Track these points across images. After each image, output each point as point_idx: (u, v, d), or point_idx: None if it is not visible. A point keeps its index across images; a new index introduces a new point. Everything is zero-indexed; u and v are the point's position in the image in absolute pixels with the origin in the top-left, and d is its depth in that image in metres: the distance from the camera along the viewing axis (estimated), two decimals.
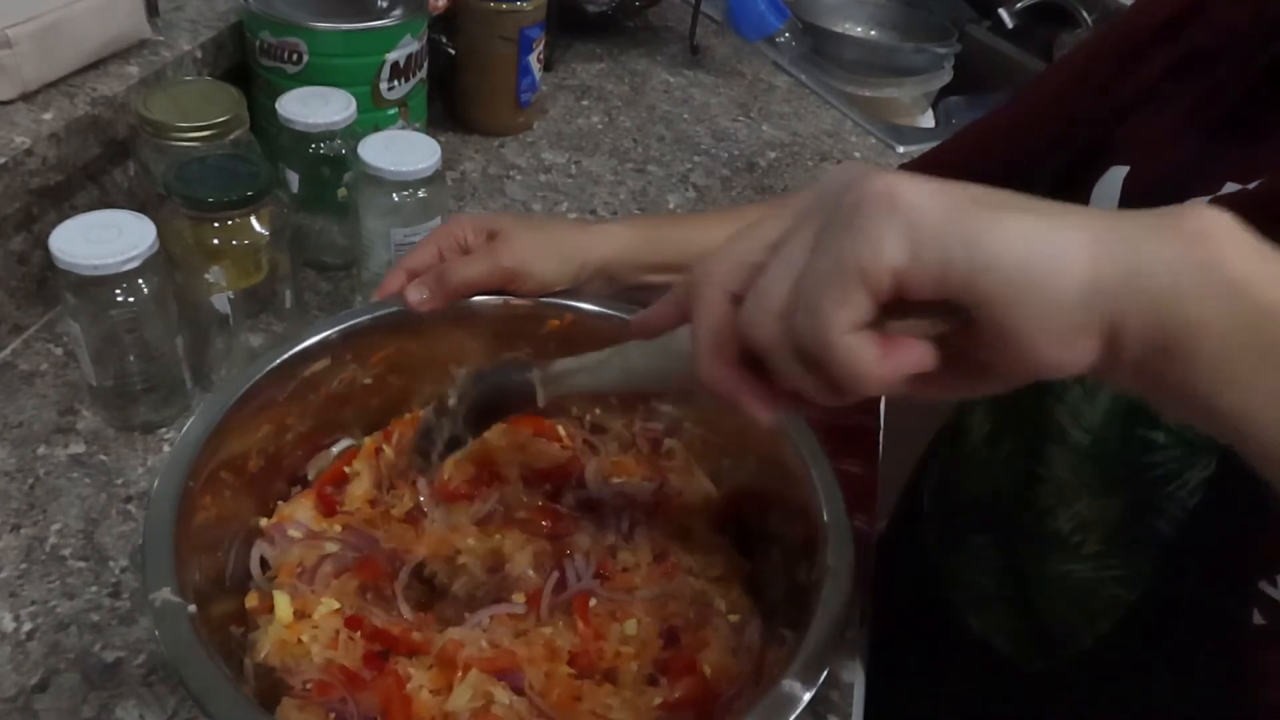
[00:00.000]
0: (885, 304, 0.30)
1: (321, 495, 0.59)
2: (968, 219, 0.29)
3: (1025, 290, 0.28)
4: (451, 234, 0.63)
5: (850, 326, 0.30)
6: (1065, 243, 0.28)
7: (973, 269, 0.28)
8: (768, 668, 0.48)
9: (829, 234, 0.30)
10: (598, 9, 1.30)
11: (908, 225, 0.29)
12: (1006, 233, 0.28)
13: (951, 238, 0.29)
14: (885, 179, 0.30)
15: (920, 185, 0.30)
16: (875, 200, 0.29)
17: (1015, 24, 1.59)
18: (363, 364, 0.60)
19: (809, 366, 0.32)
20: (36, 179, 0.72)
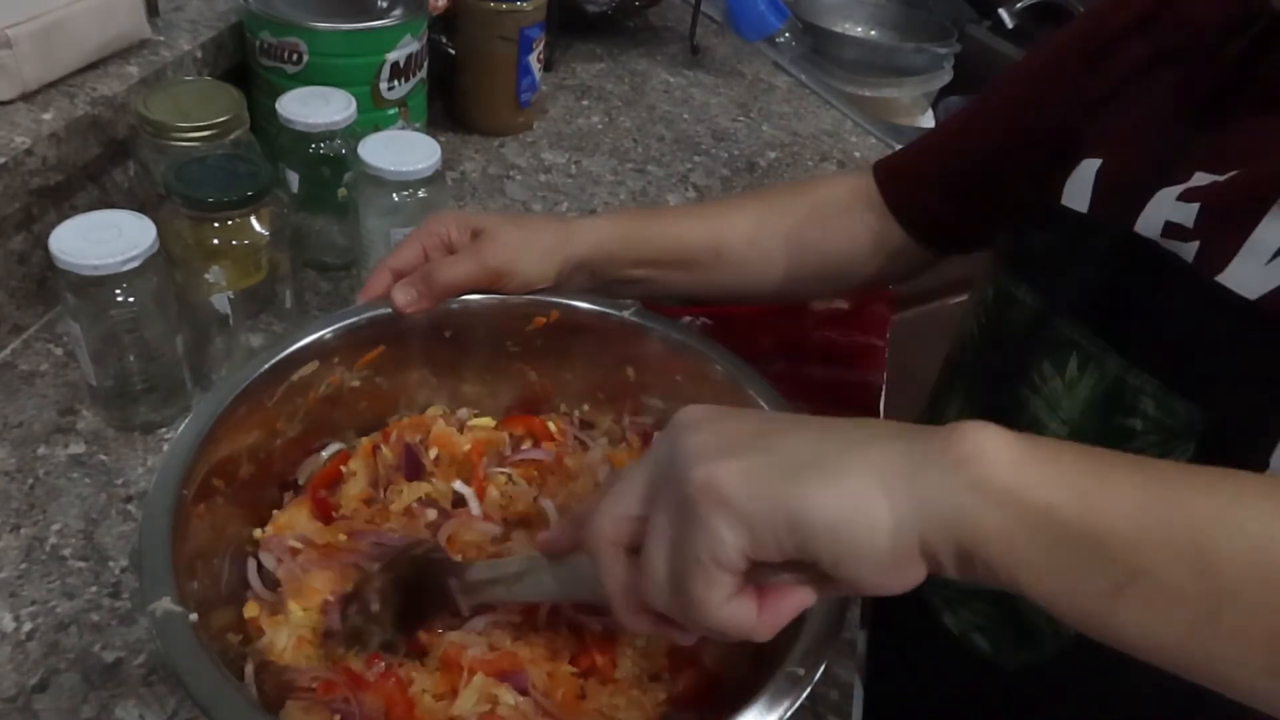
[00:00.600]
0: (749, 567, 0.35)
1: (316, 499, 0.59)
2: (782, 497, 0.34)
3: (847, 547, 0.34)
4: (435, 233, 0.63)
5: (724, 601, 0.36)
6: (865, 499, 0.33)
7: (800, 540, 0.34)
8: (767, 657, 0.48)
9: (680, 529, 0.36)
10: (598, 9, 1.30)
11: (738, 516, 0.34)
12: (816, 505, 0.34)
13: (776, 519, 0.34)
14: (702, 472, 0.35)
15: (732, 471, 0.35)
16: (703, 497, 0.35)
17: (1015, 24, 1.59)
18: (350, 367, 0.60)
19: (706, 630, 0.37)
20: (36, 179, 0.72)
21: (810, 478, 0.34)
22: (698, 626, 0.37)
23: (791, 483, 0.34)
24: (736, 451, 0.35)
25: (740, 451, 0.35)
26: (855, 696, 0.59)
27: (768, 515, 0.34)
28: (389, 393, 0.64)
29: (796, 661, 0.44)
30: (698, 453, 0.36)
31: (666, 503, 0.37)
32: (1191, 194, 0.50)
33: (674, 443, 0.37)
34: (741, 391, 0.59)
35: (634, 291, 0.68)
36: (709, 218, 0.72)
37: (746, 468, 0.35)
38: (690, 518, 0.35)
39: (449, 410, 0.66)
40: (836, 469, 0.34)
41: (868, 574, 0.34)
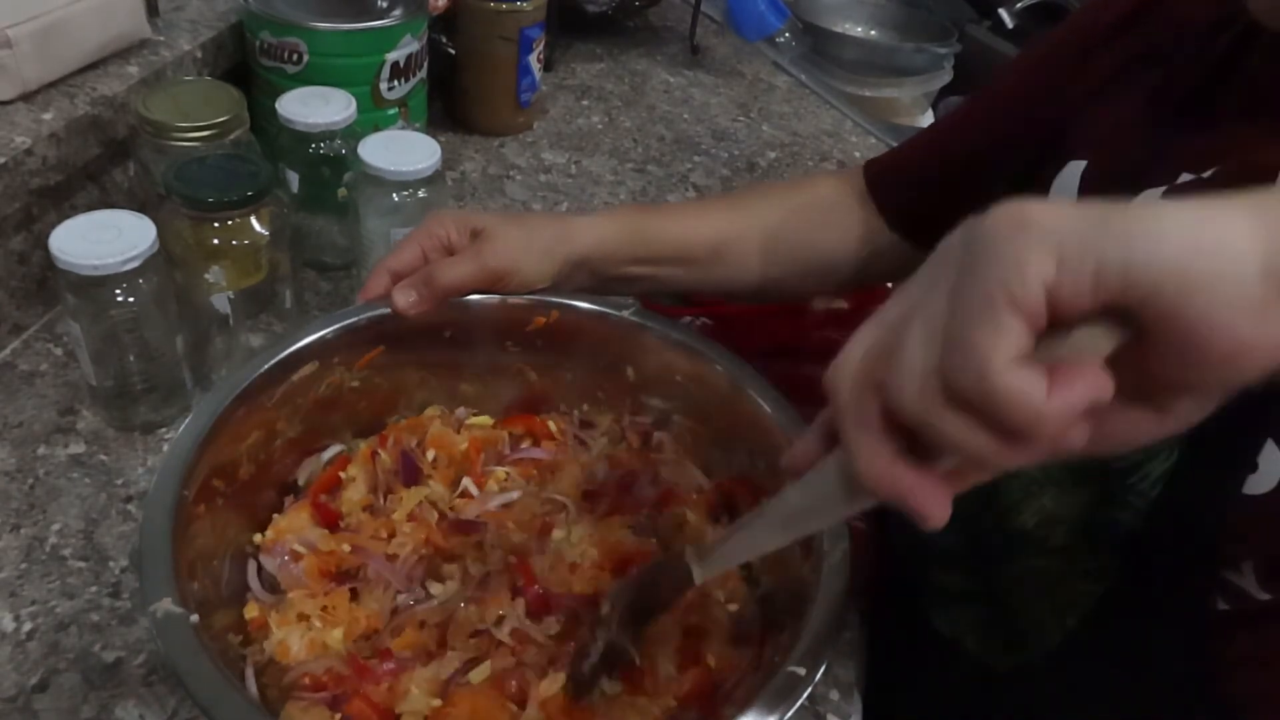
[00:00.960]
0: (1041, 333, 0.28)
1: (317, 505, 0.59)
2: (1111, 219, 0.27)
3: (1200, 271, 0.25)
4: (434, 233, 0.63)
5: (1010, 359, 0.27)
6: (1227, 221, 0.26)
7: (1132, 263, 0.26)
8: (768, 656, 0.48)
9: (964, 275, 0.28)
10: (598, 9, 1.30)
11: (1048, 238, 0.27)
12: (1160, 222, 0.26)
13: (1101, 238, 0.26)
14: (1007, 208, 0.28)
15: (1050, 207, 0.28)
16: (1004, 227, 0.28)
17: (1015, 24, 1.59)
18: (349, 367, 0.60)
19: (973, 419, 0.29)
20: (36, 179, 0.72)
21: (1155, 208, 0.27)
22: (959, 432, 0.29)
23: (1131, 215, 0.27)
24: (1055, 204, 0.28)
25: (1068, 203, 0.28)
26: (856, 697, 0.59)
27: (1087, 233, 0.27)
28: (389, 393, 0.64)
29: (797, 661, 0.44)
30: (997, 208, 0.28)
31: (944, 273, 0.29)
32: (1176, 193, 0.50)
33: (952, 235, 0.30)
34: (741, 391, 0.59)
35: (633, 289, 0.68)
36: (707, 215, 0.73)
37: (1068, 209, 0.27)
38: (979, 257, 0.28)
39: (446, 410, 0.66)
40: (1182, 204, 0.27)
41: (1228, 316, 0.26)
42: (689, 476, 0.63)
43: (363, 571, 0.56)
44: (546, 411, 0.67)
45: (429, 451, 0.63)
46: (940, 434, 0.29)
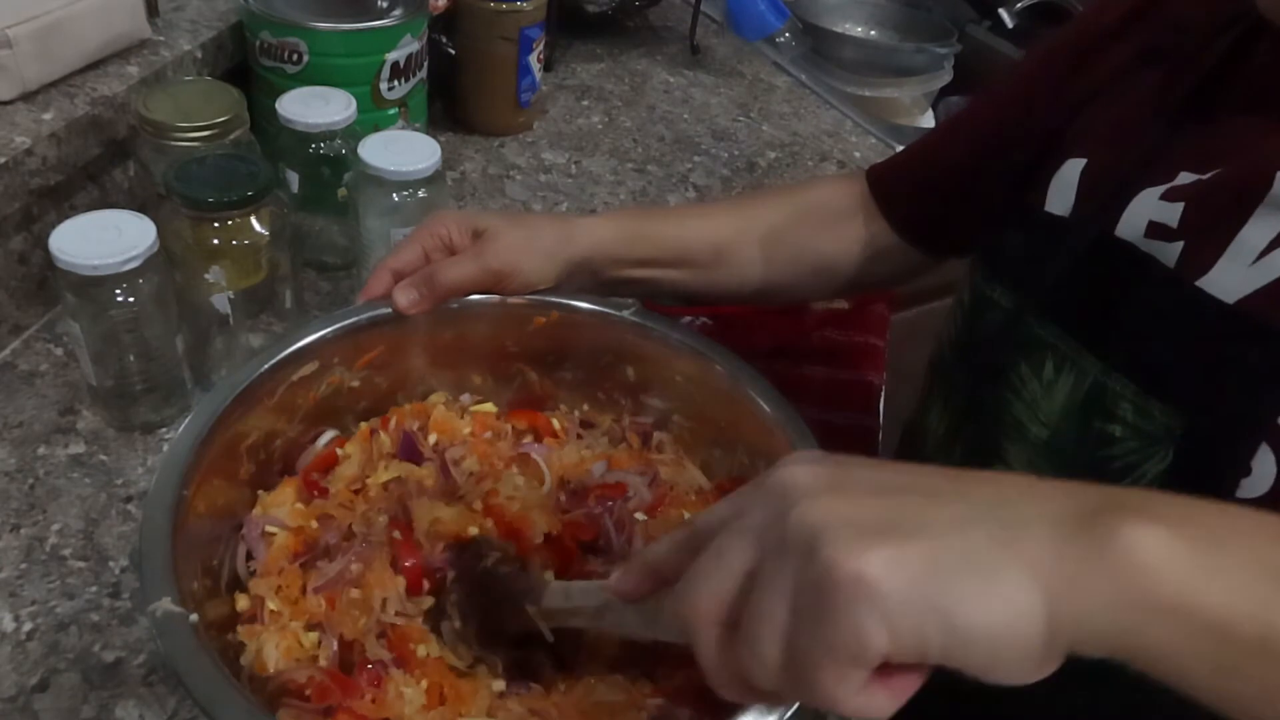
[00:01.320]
0: None
1: (306, 480, 0.59)
2: (936, 596, 0.30)
3: (1002, 659, 0.31)
4: (435, 233, 0.63)
5: (854, 694, 0.32)
6: (1024, 609, 0.30)
7: (949, 646, 0.30)
8: None
9: (808, 614, 0.32)
10: (598, 9, 1.30)
11: (884, 612, 0.30)
12: (974, 611, 0.30)
13: (928, 625, 0.30)
14: (851, 559, 0.30)
15: (886, 561, 0.30)
16: (847, 590, 0.30)
17: (1015, 24, 1.58)
18: (349, 366, 0.60)
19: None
20: (36, 179, 0.72)
21: (964, 580, 0.30)
22: (819, 707, 0.34)
23: (945, 585, 0.30)
24: (879, 536, 0.31)
25: (883, 536, 0.31)
26: None
27: (919, 620, 0.30)
28: (389, 393, 0.64)
29: None
30: (831, 532, 0.31)
31: (784, 586, 0.32)
32: (1175, 193, 0.50)
33: (786, 513, 0.33)
34: (741, 391, 0.59)
35: (635, 291, 0.68)
36: (709, 217, 0.73)
37: (896, 560, 0.31)
38: (823, 612, 0.31)
39: (451, 398, 0.66)
40: (992, 571, 0.31)
41: (1014, 678, 0.32)
42: (689, 477, 0.63)
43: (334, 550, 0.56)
44: (552, 410, 0.67)
45: (431, 435, 0.62)
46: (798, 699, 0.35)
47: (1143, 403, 0.49)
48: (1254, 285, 0.46)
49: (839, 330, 0.87)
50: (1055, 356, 0.54)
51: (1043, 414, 0.55)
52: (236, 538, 0.56)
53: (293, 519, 0.56)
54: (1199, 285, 0.47)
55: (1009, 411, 0.57)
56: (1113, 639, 0.31)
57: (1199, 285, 0.47)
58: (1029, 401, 0.56)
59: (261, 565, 0.55)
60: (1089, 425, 0.52)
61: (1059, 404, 0.54)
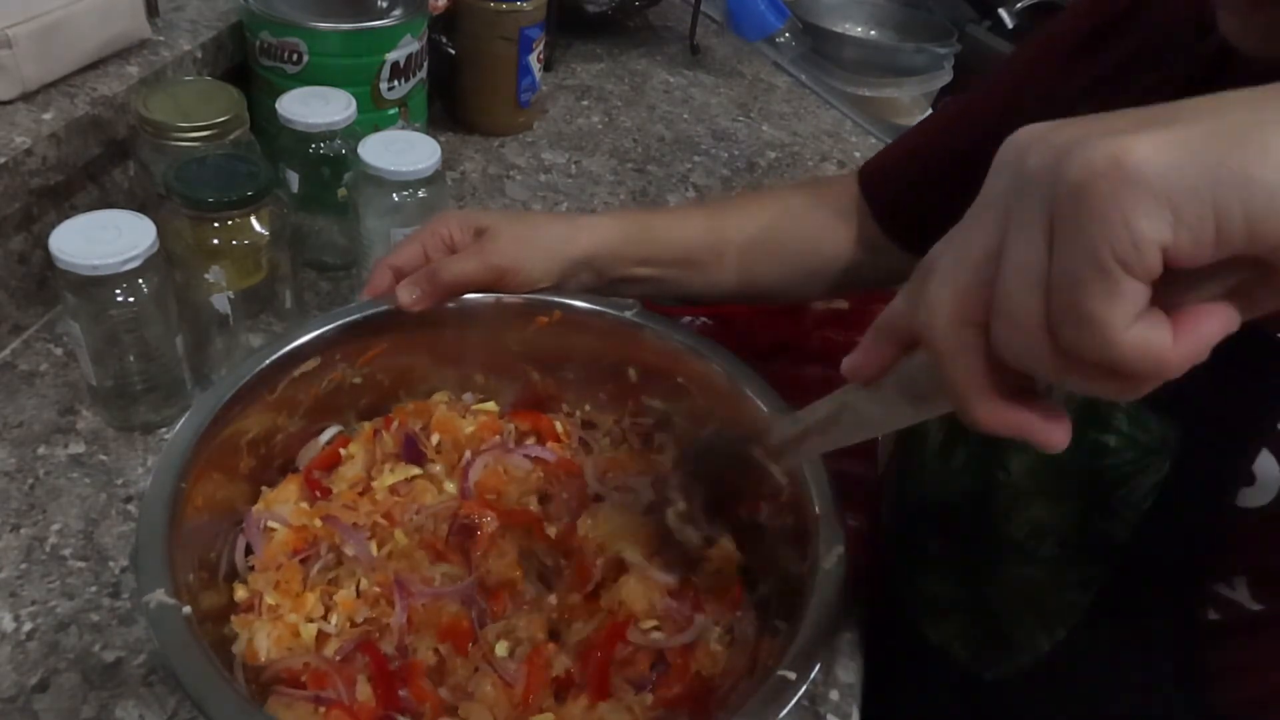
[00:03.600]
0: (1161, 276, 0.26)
1: (309, 480, 0.59)
2: (1224, 158, 0.25)
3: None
4: (437, 232, 0.63)
5: (1130, 320, 0.26)
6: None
7: (1254, 217, 0.25)
8: (762, 659, 0.48)
9: (1065, 229, 0.27)
10: (598, 9, 1.30)
11: (1158, 194, 0.25)
12: (1274, 157, 0.25)
13: (1217, 189, 0.25)
14: (1101, 148, 0.26)
15: (1147, 142, 0.25)
16: (1105, 177, 0.25)
17: (1015, 24, 1.59)
18: (351, 364, 0.60)
19: (1096, 373, 0.28)
20: (36, 179, 0.72)
21: (1258, 137, 0.25)
22: (1089, 365, 0.28)
23: (1232, 145, 0.25)
24: (1143, 124, 0.26)
25: (1148, 124, 0.26)
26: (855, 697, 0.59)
27: (1207, 187, 0.25)
28: (391, 390, 0.64)
29: (789, 665, 0.44)
30: (1082, 136, 0.27)
31: (1032, 218, 0.28)
32: None
33: (1024, 162, 0.28)
34: (741, 392, 0.59)
35: (636, 291, 0.68)
36: (710, 217, 0.73)
37: (1161, 138, 0.25)
38: (1081, 217, 0.26)
39: (454, 397, 0.66)
40: (1276, 124, 0.25)
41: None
42: None
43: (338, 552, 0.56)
44: (553, 411, 0.67)
45: (434, 435, 0.62)
46: (1058, 382, 0.29)
47: (1137, 414, 0.49)
48: None
49: (839, 330, 0.87)
50: None
51: None
52: (235, 532, 0.56)
53: (295, 518, 0.56)
54: None
55: None
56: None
57: None
58: None
59: (261, 560, 0.55)
60: (1084, 436, 0.52)
61: None
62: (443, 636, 0.53)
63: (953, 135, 0.70)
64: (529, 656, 0.52)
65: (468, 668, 0.52)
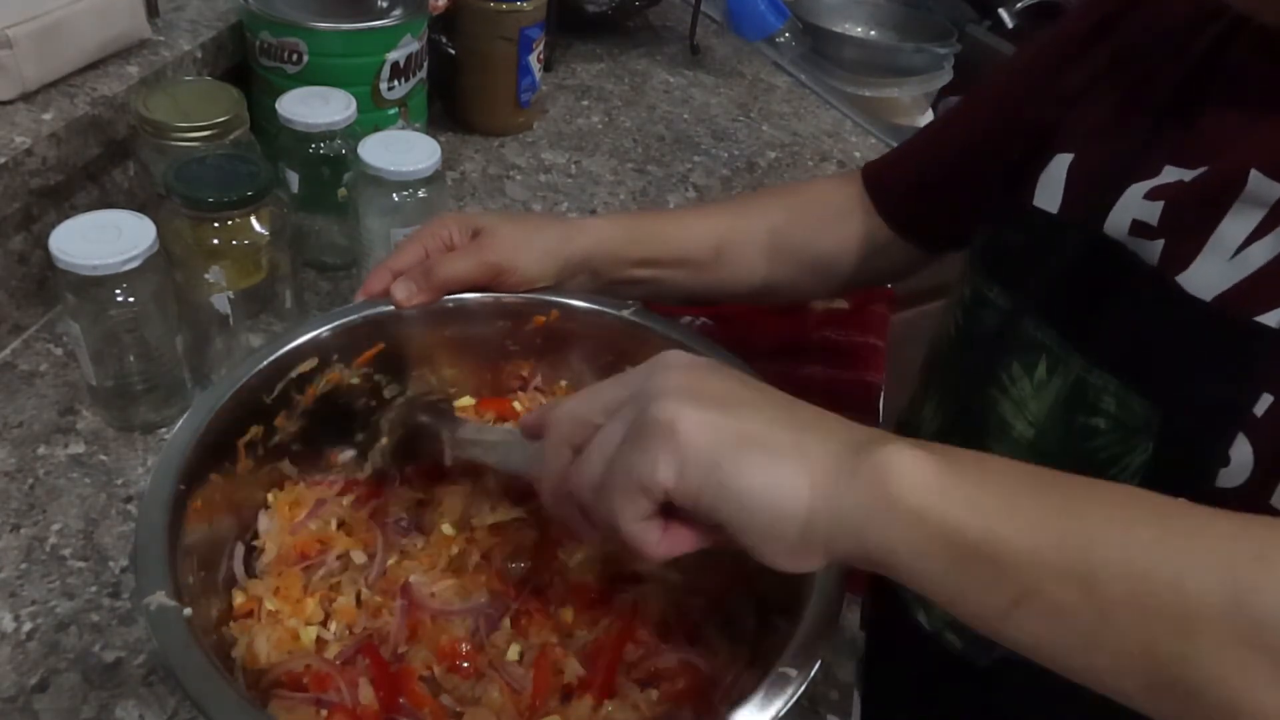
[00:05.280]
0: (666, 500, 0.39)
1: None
2: (723, 458, 0.37)
3: (755, 524, 0.37)
4: (436, 233, 0.63)
5: (636, 519, 0.39)
6: (790, 492, 0.37)
7: (718, 499, 0.37)
8: (762, 655, 0.48)
9: (629, 442, 0.39)
10: (598, 9, 1.30)
11: (679, 456, 0.37)
12: (749, 479, 0.37)
13: (707, 472, 0.37)
14: (671, 409, 0.38)
15: (697, 420, 0.38)
16: (660, 428, 0.38)
17: (1015, 24, 1.59)
18: (349, 364, 0.60)
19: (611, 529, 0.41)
20: (36, 179, 0.72)
21: (750, 454, 0.37)
22: (606, 529, 0.41)
23: (734, 453, 0.37)
24: (703, 403, 0.39)
25: (706, 404, 0.39)
26: (855, 696, 0.59)
27: (703, 470, 0.37)
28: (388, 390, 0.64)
29: (789, 662, 0.44)
30: (673, 391, 0.39)
31: (624, 419, 0.40)
32: (1158, 192, 0.51)
33: (653, 375, 0.41)
34: None
35: (635, 292, 0.68)
36: (708, 217, 0.73)
37: (705, 421, 0.38)
38: (639, 440, 0.39)
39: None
40: (775, 453, 0.37)
41: (767, 552, 0.38)
42: None
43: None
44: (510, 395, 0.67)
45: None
46: (595, 518, 0.42)
47: (1124, 397, 0.50)
48: (1230, 280, 0.46)
49: (839, 330, 0.87)
50: (1049, 357, 0.54)
51: (1029, 413, 0.55)
52: (234, 536, 0.56)
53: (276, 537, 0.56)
54: (1178, 281, 0.48)
55: (995, 411, 0.57)
56: (861, 537, 0.36)
57: (1178, 281, 0.48)
58: (1017, 401, 0.56)
59: (261, 567, 0.55)
60: (1073, 420, 0.53)
61: (1046, 403, 0.54)
62: (440, 658, 0.52)
63: (958, 133, 0.70)
64: (536, 660, 0.52)
65: (465, 685, 0.52)
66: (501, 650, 0.53)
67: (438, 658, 0.52)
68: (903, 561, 0.36)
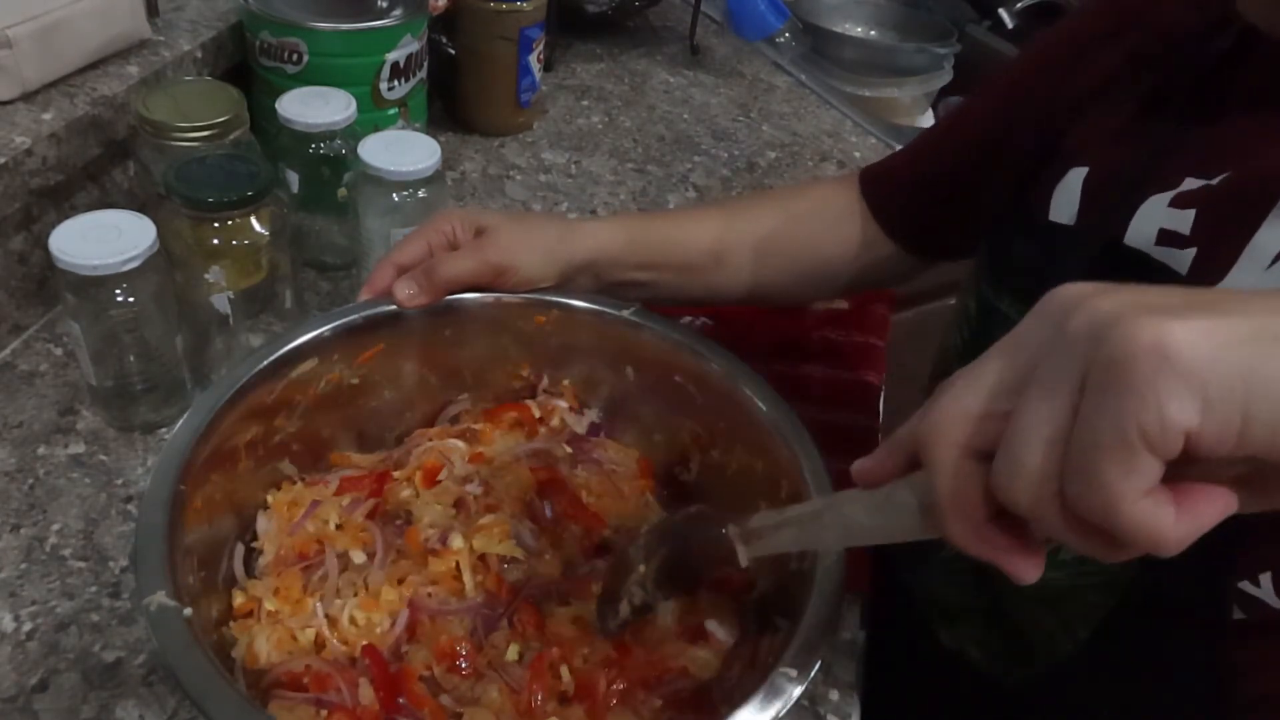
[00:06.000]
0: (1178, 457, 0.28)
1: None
2: (1262, 363, 0.26)
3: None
4: (439, 229, 0.63)
5: (1140, 495, 0.28)
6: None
7: (1274, 420, 0.26)
8: (762, 656, 0.48)
9: (1095, 397, 0.28)
10: (598, 9, 1.30)
11: (1193, 381, 0.26)
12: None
13: (1250, 391, 0.26)
14: (1148, 327, 0.27)
15: (1192, 329, 0.27)
16: (1146, 356, 0.27)
17: (1015, 24, 1.59)
18: (349, 364, 0.60)
19: (1089, 530, 0.29)
20: (36, 179, 0.72)
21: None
22: (1087, 525, 0.29)
23: (1269, 351, 0.27)
24: (1181, 311, 0.27)
25: (1186, 311, 0.27)
26: (856, 697, 0.59)
27: (1241, 389, 0.26)
28: (388, 390, 0.64)
29: (789, 662, 0.44)
30: (1128, 310, 0.28)
31: (1053, 384, 0.29)
32: (1184, 199, 0.50)
33: (1073, 312, 0.29)
34: (739, 392, 0.59)
35: (636, 294, 0.68)
36: (708, 221, 0.73)
37: (1205, 329, 0.27)
38: (1112, 387, 0.27)
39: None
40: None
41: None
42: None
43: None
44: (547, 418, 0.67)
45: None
46: (1048, 531, 0.30)
47: None
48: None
49: (839, 330, 0.87)
50: None
51: None
52: (234, 535, 0.56)
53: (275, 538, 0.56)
54: None
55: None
56: None
57: None
58: None
59: (260, 568, 0.55)
60: None
61: None
62: (439, 657, 0.52)
63: (958, 140, 0.70)
64: (533, 662, 0.52)
65: (465, 685, 0.52)
66: (501, 650, 0.53)
67: (437, 658, 0.52)
68: None
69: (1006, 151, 0.63)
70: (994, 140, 0.65)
